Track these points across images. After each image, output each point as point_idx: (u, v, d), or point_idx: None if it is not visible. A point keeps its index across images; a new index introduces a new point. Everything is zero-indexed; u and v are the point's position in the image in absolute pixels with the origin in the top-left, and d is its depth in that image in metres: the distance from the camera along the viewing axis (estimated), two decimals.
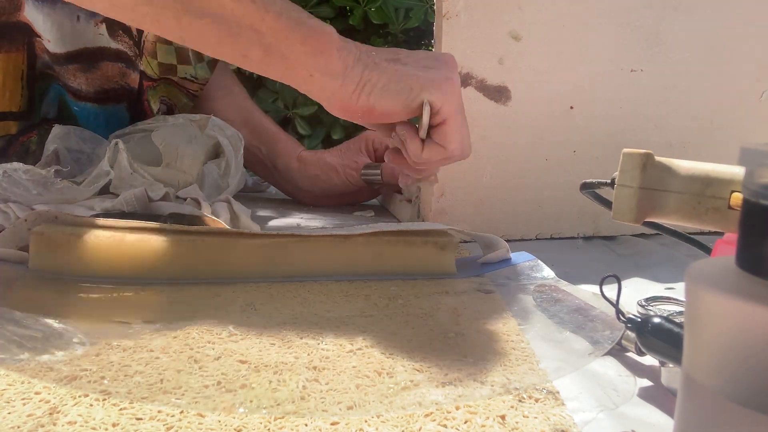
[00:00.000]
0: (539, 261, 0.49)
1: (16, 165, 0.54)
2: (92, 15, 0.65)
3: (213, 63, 0.78)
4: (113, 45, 0.67)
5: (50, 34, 0.64)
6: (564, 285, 0.45)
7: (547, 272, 0.48)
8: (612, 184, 0.40)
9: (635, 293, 0.45)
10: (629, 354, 0.36)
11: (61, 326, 0.35)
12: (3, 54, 0.63)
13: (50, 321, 0.35)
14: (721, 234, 0.39)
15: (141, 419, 0.27)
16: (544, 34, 0.59)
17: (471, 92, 0.59)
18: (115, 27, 0.67)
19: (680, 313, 0.39)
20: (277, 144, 0.78)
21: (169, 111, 0.76)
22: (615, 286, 0.35)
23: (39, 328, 0.35)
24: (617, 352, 0.36)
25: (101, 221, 0.46)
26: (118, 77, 0.68)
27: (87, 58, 0.66)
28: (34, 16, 0.63)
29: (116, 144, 0.59)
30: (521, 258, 0.50)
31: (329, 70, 0.47)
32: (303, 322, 0.38)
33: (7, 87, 0.64)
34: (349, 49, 0.47)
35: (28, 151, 0.65)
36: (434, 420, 0.28)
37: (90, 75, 0.66)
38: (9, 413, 0.27)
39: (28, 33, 0.63)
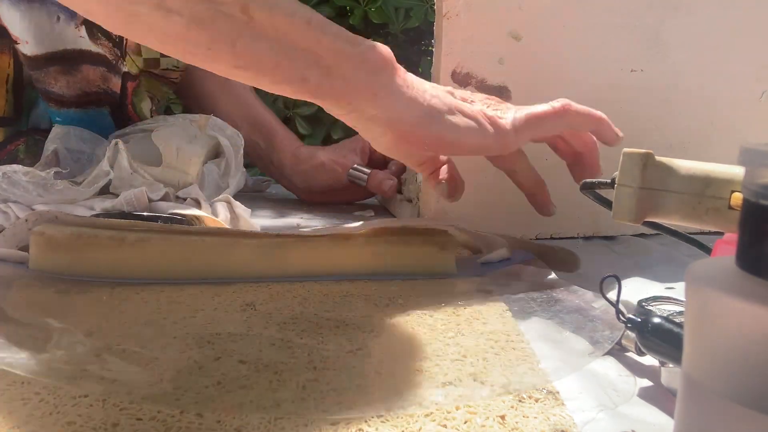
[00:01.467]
0: (539, 261, 0.49)
1: (15, 167, 0.54)
2: (72, 16, 0.63)
3: None
4: (93, 48, 0.65)
5: (28, 34, 0.61)
6: (564, 285, 0.45)
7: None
8: (612, 184, 0.40)
9: (635, 293, 0.45)
10: (629, 354, 0.36)
11: (61, 326, 0.35)
12: None
13: (50, 321, 0.35)
14: (721, 234, 0.39)
15: (141, 419, 0.27)
16: (544, 34, 0.59)
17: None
18: (94, 30, 0.65)
19: (680, 313, 0.39)
20: (274, 139, 0.78)
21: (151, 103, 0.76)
22: (615, 286, 0.35)
23: (39, 328, 0.35)
24: (617, 352, 0.36)
25: (101, 221, 0.46)
26: (99, 81, 0.66)
27: (67, 60, 0.64)
28: (11, 14, 0.60)
29: (116, 144, 0.59)
30: (521, 258, 0.50)
31: (393, 89, 0.43)
32: (303, 322, 0.38)
33: None
34: (408, 73, 0.44)
35: (16, 160, 0.64)
36: (434, 420, 0.28)
37: (71, 78, 0.64)
38: (9, 413, 0.27)
39: (9, 38, 0.61)
